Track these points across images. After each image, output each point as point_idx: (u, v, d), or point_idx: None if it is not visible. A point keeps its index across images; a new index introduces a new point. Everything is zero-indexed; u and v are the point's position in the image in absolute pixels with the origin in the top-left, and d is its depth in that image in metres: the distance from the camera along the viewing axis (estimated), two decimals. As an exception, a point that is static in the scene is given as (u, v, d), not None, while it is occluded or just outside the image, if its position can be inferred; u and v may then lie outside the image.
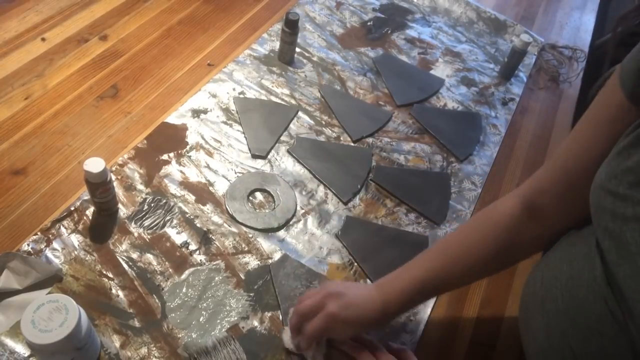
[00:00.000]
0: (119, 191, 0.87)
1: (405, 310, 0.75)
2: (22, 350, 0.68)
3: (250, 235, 0.87)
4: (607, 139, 0.58)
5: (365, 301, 0.70)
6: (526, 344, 0.70)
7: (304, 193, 0.95)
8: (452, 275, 0.71)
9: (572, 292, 0.59)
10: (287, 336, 0.75)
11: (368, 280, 0.85)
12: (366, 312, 0.69)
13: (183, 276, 0.79)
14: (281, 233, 0.88)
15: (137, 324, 0.73)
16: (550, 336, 0.62)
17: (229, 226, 0.87)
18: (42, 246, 0.78)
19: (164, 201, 0.88)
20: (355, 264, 0.87)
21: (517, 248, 0.70)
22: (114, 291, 0.76)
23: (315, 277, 0.83)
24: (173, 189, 0.90)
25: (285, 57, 1.17)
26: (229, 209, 0.88)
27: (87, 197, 0.84)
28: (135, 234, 0.83)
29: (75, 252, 0.78)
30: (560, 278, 0.62)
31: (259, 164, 0.97)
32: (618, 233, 0.51)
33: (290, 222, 0.90)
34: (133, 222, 0.84)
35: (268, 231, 0.88)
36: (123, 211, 0.85)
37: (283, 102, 1.09)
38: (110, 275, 0.77)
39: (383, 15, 1.40)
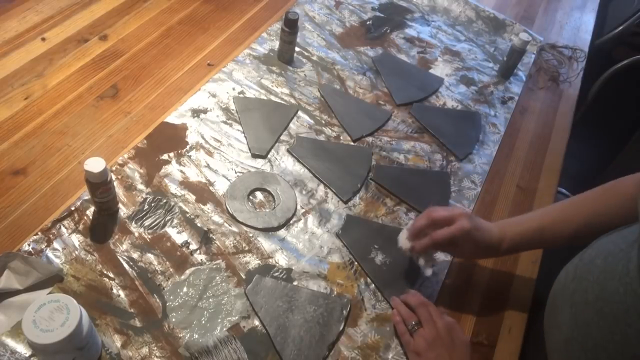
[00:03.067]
0: (119, 191, 0.87)
1: (514, 251, 0.83)
2: (23, 350, 0.68)
3: (251, 235, 0.87)
4: None
5: (489, 230, 0.79)
6: (549, 336, 0.73)
7: (304, 192, 0.95)
8: (565, 234, 0.78)
9: (603, 284, 0.62)
10: (404, 236, 0.82)
11: (369, 279, 0.86)
12: (486, 240, 0.79)
13: (184, 276, 0.80)
14: (281, 232, 0.88)
15: (138, 323, 0.73)
16: (575, 327, 0.65)
17: (230, 226, 0.87)
18: (43, 246, 0.78)
19: (165, 201, 0.88)
20: (356, 263, 0.87)
21: (630, 217, 0.71)
22: (114, 291, 0.76)
23: (295, 291, 0.81)
24: (173, 188, 0.90)
25: (284, 57, 1.17)
26: (229, 208, 0.88)
27: (87, 197, 0.84)
28: (136, 234, 0.83)
29: (76, 252, 0.79)
30: (593, 271, 0.65)
31: (259, 163, 0.97)
32: None
33: (291, 222, 0.90)
34: (133, 222, 0.84)
35: (268, 230, 0.88)
36: (123, 211, 0.85)
37: (283, 102, 1.09)
38: (111, 275, 0.77)
39: (382, 15, 1.40)
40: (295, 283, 0.82)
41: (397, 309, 0.80)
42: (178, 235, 0.84)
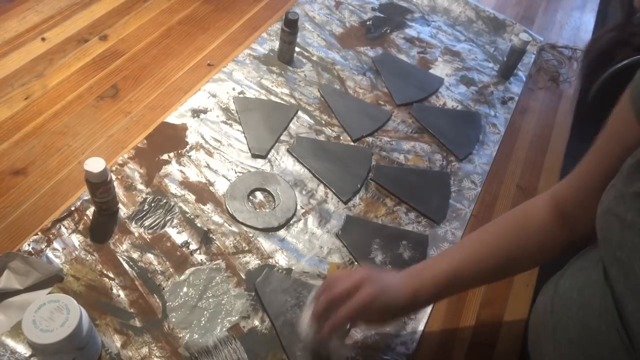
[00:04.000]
0: (119, 191, 0.87)
1: (433, 301, 0.77)
2: (23, 350, 0.68)
3: (251, 235, 0.87)
4: (618, 156, 0.57)
5: (398, 288, 0.69)
6: None
7: (304, 192, 0.95)
8: (480, 273, 0.71)
9: (584, 321, 0.57)
10: (304, 325, 0.70)
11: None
12: (399, 299, 0.69)
13: (184, 276, 0.80)
14: (281, 232, 0.88)
15: (138, 323, 0.73)
16: None
17: (230, 226, 0.87)
18: (43, 246, 0.78)
19: (164, 201, 0.88)
20: (356, 263, 0.87)
21: (546, 251, 0.70)
22: (114, 291, 0.76)
23: (304, 287, 0.81)
24: (173, 188, 0.90)
25: (284, 57, 1.17)
26: (229, 208, 0.88)
27: (87, 197, 0.84)
28: (136, 234, 0.83)
29: (76, 252, 0.79)
30: (571, 306, 0.61)
31: (259, 163, 0.97)
32: (626, 263, 0.49)
33: (291, 222, 0.90)
34: (133, 222, 0.84)
35: (268, 231, 0.88)
36: (123, 211, 0.85)
37: (283, 102, 1.09)
38: (111, 275, 0.77)
39: (382, 15, 1.40)
40: (295, 283, 0.83)
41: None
42: (178, 236, 0.84)
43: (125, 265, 0.79)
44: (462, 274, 0.70)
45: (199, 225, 0.86)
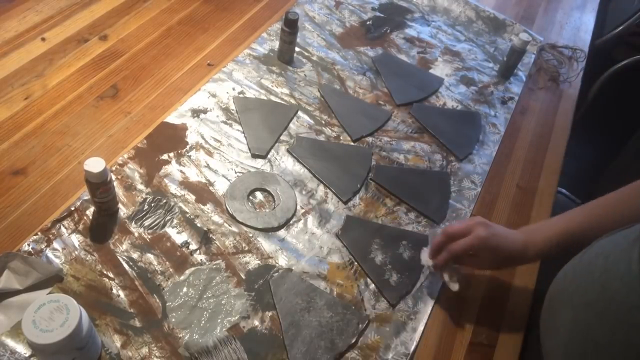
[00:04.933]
0: (119, 191, 0.87)
1: (543, 257, 0.80)
2: (23, 350, 0.68)
3: (251, 235, 0.87)
4: None
5: (511, 236, 0.77)
6: (546, 340, 0.72)
7: (304, 192, 0.95)
8: (595, 234, 0.72)
9: (605, 284, 0.60)
10: (425, 254, 0.83)
11: (369, 280, 0.86)
12: (509, 246, 0.76)
13: (183, 276, 0.80)
14: (281, 232, 0.88)
15: (137, 323, 0.73)
16: (575, 328, 0.63)
17: (229, 226, 0.87)
18: (43, 246, 0.78)
19: (164, 201, 0.88)
20: (356, 263, 0.87)
21: None
22: (114, 291, 0.76)
23: (316, 293, 0.82)
24: (173, 188, 0.90)
25: (284, 57, 1.17)
26: (229, 208, 0.88)
27: (87, 197, 0.84)
28: (136, 234, 0.83)
29: (76, 252, 0.79)
30: (594, 272, 0.63)
31: (259, 163, 0.97)
32: None
33: (291, 222, 0.90)
34: (133, 222, 0.84)
35: (268, 231, 0.88)
36: (123, 211, 0.85)
37: (283, 102, 1.09)
38: (111, 275, 0.77)
39: (382, 15, 1.40)
40: (295, 283, 0.83)
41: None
42: (178, 236, 0.84)
43: (125, 265, 0.79)
44: (577, 237, 0.74)
45: (198, 225, 0.86)
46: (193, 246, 0.83)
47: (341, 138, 1.06)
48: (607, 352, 0.58)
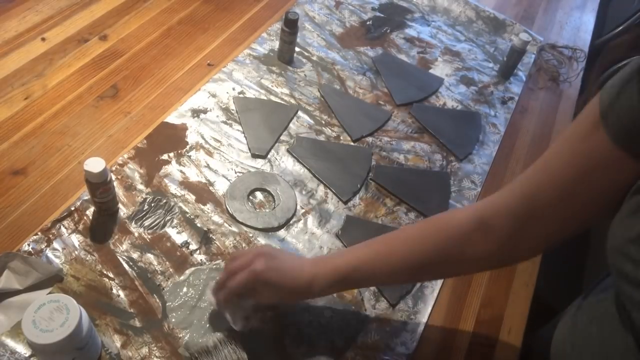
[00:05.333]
0: (119, 191, 0.87)
1: (330, 292, 0.74)
2: (23, 350, 0.68)
3: (251, 235, 0.87)
4: (580, 174, 0.55)
5: (294, 270, 0.69)
6: None
7: (304, 192, 0.95)
8: (385, 269, 0.69)
9: (606, 358, 0.57)
10: (209, 291, 0.74)
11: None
12: (291, 281, 0.68)
13: (183, 276, 0.80)
14: (281, 232, 0.88)
15: (137, 323, 0.73)
16: None
17: (230, 226, 0.87)
18: (43, 246, 0.78)
19: (164, 201, 0.88)
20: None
21: (464, 260, 0.67)
22: (114, 291, 0.76)
23: None
24: (173, 188, 0.90)
25: (284, 57, 1.17)
26: (229, 208, 0.88)
27: (87, 197, 0.84)
28: (136, 234, 0.83)
29: (76, 252, 0.79)
30: (591, 342, 0.60)
31: (259, 163, 0.97)
32: None
33: (291, 222, 0.90)
34: (133, 222, 0.84)
35: (268, 231, 0.88)
36: (123, 211, 0.85)
37: (283, 102, 1.09)
38: (111, 275, 0.77)
39: (382, 15, 1.40)
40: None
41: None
42: (178, 236, 0.84)
43: (125, 266, 0.79)
44: (366, 270, 0.68)
45: (198, 225, 0.86)
46: (193, 246, 0.83)
47: (341, 138, 1.06)
48: None
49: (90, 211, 0.84)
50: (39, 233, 0.79)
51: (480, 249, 0.64)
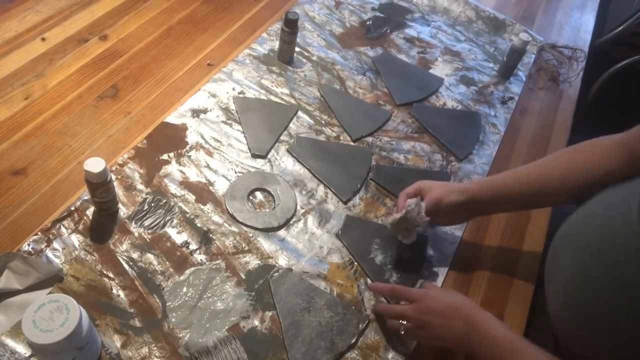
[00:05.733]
0: (119, 191, 0.87)
1: (489, 205, 0.85)
2: (23, 350, 0.68)
3: (251, 235, 0.87)
4: None
5: (456, 188, 0.84)
6: (549, 284, 0.78)
7: (304, 192, 0.95)
8: (535, 189, 0.82)
9: (605, 230, 0.66)
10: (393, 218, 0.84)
11: (369, 280, 0.86)
12: (457, 197, 0.82)
13: (183, 276, 0.80)
14: (281, 232, 0.88)
15: (137, 323, 0.73)
16: (575, 268, 0.69)
17: (229, 226, 0.87)
18: (43, 246, 0.78)
19: (164, 201, 0.88)
20: (356, 263, 0.87)
21: (605, 183, 0.76)
22: (114, 291, 0.76)
23: (316, 293, 0.82)
24: (173, 188, 0.90)
25: (284, 57, 1.17)
26: (229, 208, 0.88)
27: (87, 197, 0.84)
28: (136, 234, 0.83)
29: (76, 252, 0.79)
30: (595, 218, 0.69)
31: (259, 163, 0.97)
32: None
33: (291, 222, 0.90)
34: (133, 222, 0.84)
35: (268, 231, 0.88)
36: (123, 211, 0.85)
37: (283, 102, 1.09)
38: (111, 275, 0.77)
39: (382, 15, 1.40)
40: (295, 283, 0.83)
41: (382, 312, 0.80)
42: (178, 236, 0.84)
43: (125, 265, 0.79)
44: (515, 188, 0.83)
45: (198, 225, 0.86)
46: (193, 246, 0.83)
47: (341, 138, 1.06)
48: (604, 288, 0.63)
49: (90, 211, 0.84)
50: (39, 233, 0.79)
51: (622, 175, 0.74)
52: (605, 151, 0.78)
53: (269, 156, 0.99)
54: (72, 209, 0.83)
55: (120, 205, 0.85)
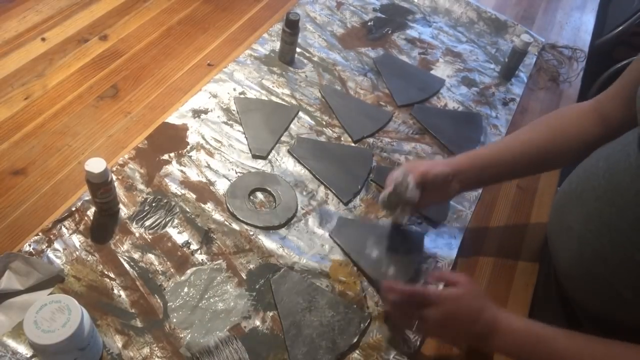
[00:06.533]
0: (120, 191, 0.87)
1: (474, 176, 0.87)
2: (24, 350, 0.68)
3: (252, 233, 0.86)
4: None
5: (441, 162, 0.87)
6: (557, 242, 0.81)
7: (304, 193, 0.95)
8: (516, 158, 0.86)
9: (610, 179, 0.70)
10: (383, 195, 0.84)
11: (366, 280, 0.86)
12: (442, 168, 0.83)
13: (185, 276, 0.79)
14: (282, 231, 0.88)
15: (139, 324, 0.73)
16: (588, 219, 0.73)
17: (230, 224, 0.87)
18: (44, 247, 0.78)
19: (165, 201, 0.87)
20: (353, 261, 0.87)
21: (579, 143, 0.84)
22: (115, 291, 0.76)
23: (317, 292, 0.81)
24: (174, 188, 0.89)
25: (285, 57, 1.17)
26: (229, 207, 0.88)
27: (88, 197, 0.84)
28: (137, 234, 0.82)
29: (77, 253, 0.78)
30: (597, 172, 0.73)
31: (260, 164, 0.97)
32: None
33: (291, 222, 0.90)
34: (134, 222, 0.84)
35: (269, 229, 0.88)
36: (124, 211, 0.85)
37: (284, 102, 1.09)
38: (112, 275, 0.77)
39: (383, 16, 1.40)
40: (296, 284, 0.82)
41: (393, 311, 0.79)
42: (179, 236, 0.84)
43: (126, 266, 0.79)
44: (498, 157, 0.86)
45: (199, 225, 0.86)
46: (194, 246, 0.83)
47: (342, 139, 1.06)
48: (620, 231, 0.67)
49: (91, 211, 0.83)
50: (40, 233, 0.79)
51: (595, 131, 0.82)
52: (580, 116, 0.84)
53: (269, 157, 0.99)
54: (73, 209, 0.83)
55: (121, 206, 0.85)
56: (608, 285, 0.71)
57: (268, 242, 0.86)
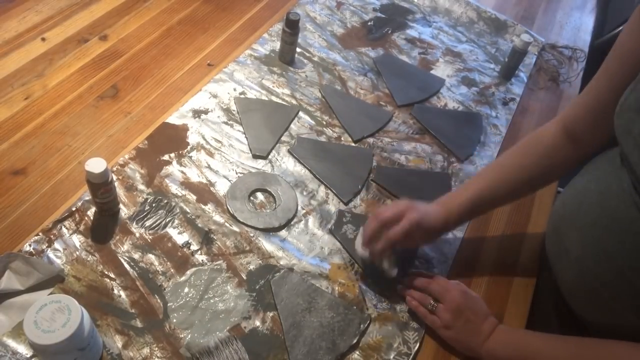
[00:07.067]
0: (120, 191, 0.87)
1: (462, 223, 0.90)
2: (24, 350, 0.68)
3: (252, 235, 0.86)
4: (627, 73, 0.67)
5: (434, 213, 0.82)
6: (557, 262, 0.81)
7: (304, 193, 0.95)
8: (500, 193, 0.85)
9: (604, 204, 0.69)
10: (359, 244, 0.83)
11: (370, 279, 0.85)
12: (435, 223, 0.82)
13: (185, 276, 0.79)
14: (282, 233, 0.88)
15: (139, 324, 0.73)
16: (585, 244, 0.72)
17: (230, 226, 0.87)
18: (44, 247, 0.78)
19: (165, 201, 0.87)
20: (354, 261, 0.87)
21: (555, 167, 0.84)
22: (115, 291, 0.76)
23: (317, 293, 0.81)
24: (174, 189, 0.89)
25: (285, 57, 1.17)
26: (230, 208, 0.88)
27: (88, 197, 0.84)
28: (137, 234, 0.82)
29: (77, 253, 0.78)
30: (590, 196, 0.72)
31: (260, 164, 0.97)
32: None
33: (292, 222, 0.90)
34: (134, 223, 0.84)
35: (269, 231, 0.88)
36: (124, 211, 0.85)
37: (284, 102, 1.09)
38: (112, 275, 0.77)
39: (383, 15, 1.40)
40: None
41: (409, 295, 0.82)
42: (179, 236, 0.84)
43: (126, 266, 0.79)
44: (485, 198, 0.84)
45: (200, 225, 0.86)
46: (194, 246, 0.83)
47: (342, 139, 1.06)
48: (619, 257, 0.66)
49: (91, 212, 0.83)
50: (40, 233, 0.79)
51: (566, 154, 0.82)
52: (549, 139, 0.83)
53: (269, 157, 0.99)
54: (73, 209, 0.83)
55: (121, 206, 0.85)
56: (611, 308, 0.71)
57: (268, 244, 0.86)
